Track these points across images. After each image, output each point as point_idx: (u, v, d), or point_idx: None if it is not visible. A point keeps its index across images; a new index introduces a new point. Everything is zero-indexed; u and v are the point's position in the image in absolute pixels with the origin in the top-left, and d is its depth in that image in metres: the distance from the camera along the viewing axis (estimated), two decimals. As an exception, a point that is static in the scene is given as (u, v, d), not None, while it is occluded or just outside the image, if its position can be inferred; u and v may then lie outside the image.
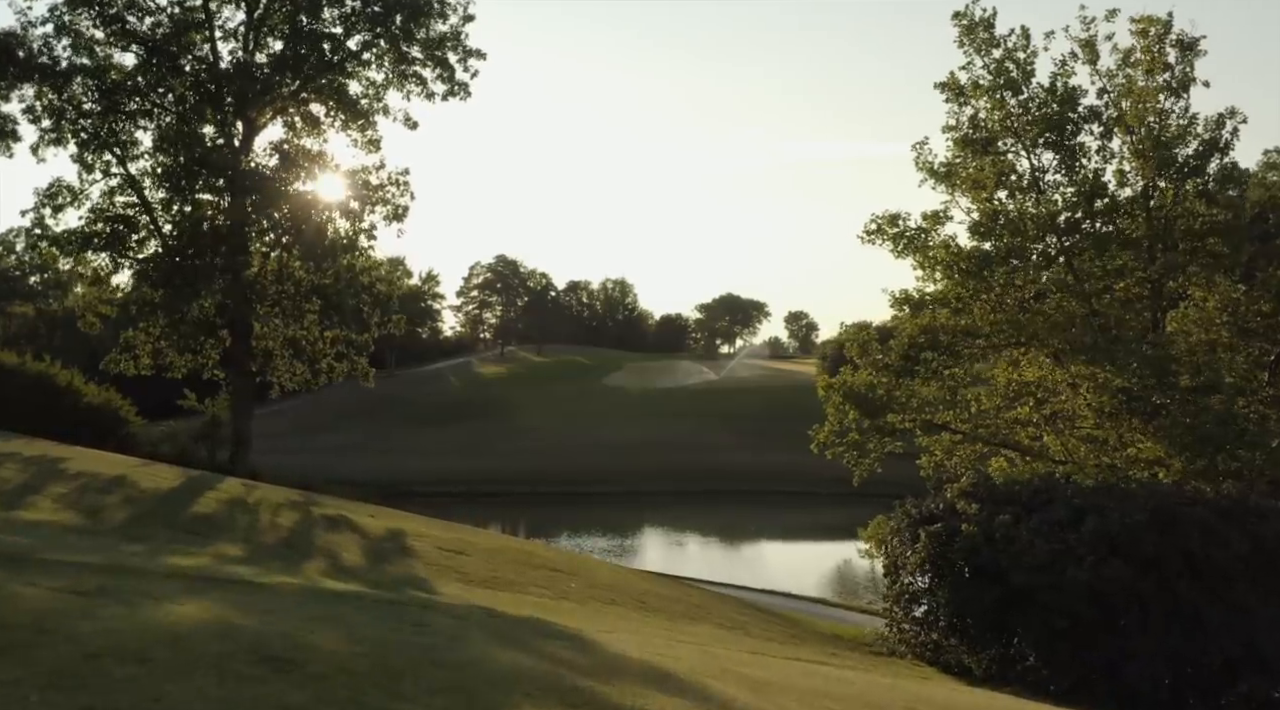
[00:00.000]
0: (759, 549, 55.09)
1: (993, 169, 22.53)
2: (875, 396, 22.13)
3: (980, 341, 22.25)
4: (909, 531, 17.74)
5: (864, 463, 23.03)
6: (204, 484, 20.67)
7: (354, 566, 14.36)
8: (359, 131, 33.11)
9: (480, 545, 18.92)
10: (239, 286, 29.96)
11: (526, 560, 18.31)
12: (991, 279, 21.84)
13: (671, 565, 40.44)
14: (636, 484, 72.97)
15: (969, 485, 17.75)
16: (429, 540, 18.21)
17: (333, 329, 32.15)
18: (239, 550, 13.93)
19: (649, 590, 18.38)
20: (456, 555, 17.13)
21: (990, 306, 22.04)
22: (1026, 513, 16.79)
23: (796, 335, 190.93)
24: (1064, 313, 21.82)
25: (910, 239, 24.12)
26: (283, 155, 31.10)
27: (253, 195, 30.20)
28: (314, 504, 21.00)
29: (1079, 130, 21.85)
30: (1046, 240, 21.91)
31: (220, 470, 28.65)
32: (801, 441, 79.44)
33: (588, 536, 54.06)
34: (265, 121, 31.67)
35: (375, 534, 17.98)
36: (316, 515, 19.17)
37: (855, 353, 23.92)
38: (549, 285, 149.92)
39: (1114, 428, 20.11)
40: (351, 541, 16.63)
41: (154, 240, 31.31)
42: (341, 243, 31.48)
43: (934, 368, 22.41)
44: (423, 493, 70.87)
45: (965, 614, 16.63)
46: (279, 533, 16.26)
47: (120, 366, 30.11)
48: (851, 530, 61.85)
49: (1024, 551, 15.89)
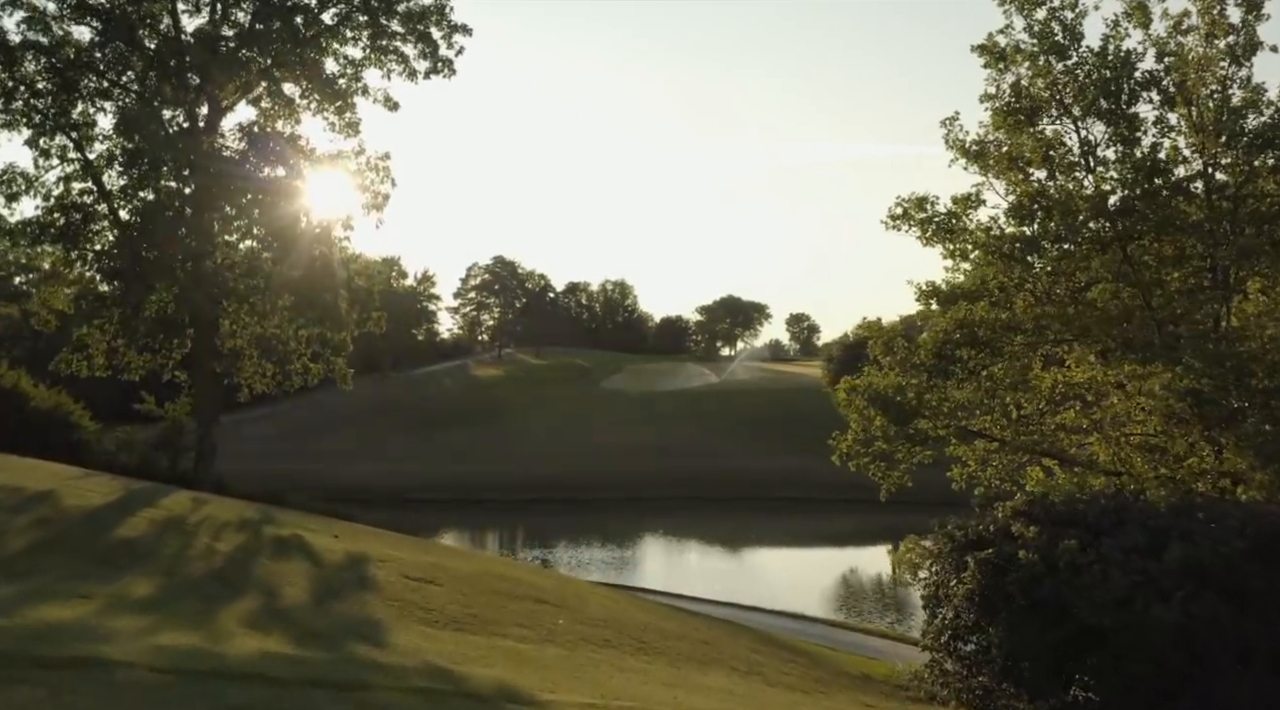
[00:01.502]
0: (764, 560, 52.52)
1: (1037, 143, 20.02)
2: (905, 400, 19.60)
3: (1020, 338, 19.73)
4: (953, 557, 15.22)
5: (892, 475, 20.48)
6: (143, 499, 18.16)
7: (292, 607, 11.85)
8: (336, 114, 30.64)
9: (455, 571, 16.40)
10: (202, 280, 27.44)
11: (508, 589, 15.79)
12: (1038, 266, 19.35)
13: (674, 580, 37.94)
14: (636, 490, 70.57)
15: (1024, 503, 15.24)
16: (395, 566, 15.70)
17: (307, 327, 29.60)
18: (150, 587, 11.43)
19: (649, 624, 15.85)
20: (425, 585, 14.62)
21: (1035, 298, 19.52)
22: (1094, 536, 14.28)
23: (798, 337, 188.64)
24: (1119, 305, 19.30)
25: (940, 224, 21.63)
26: (251, 138, 28.61)
27: (219, 181, 27.66)
28: (269, 523, 18.49)
29: (1135, 98, 19.33)
30: (1096, 224, 19.36)
31: (181, 481, 26.19)
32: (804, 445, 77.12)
33: (586, 547, 51.59)
34: (232, 101, 29.17)
35: (332, 560, 15.48)
36: (267, 537, 16.67)
37: (878, 351, 21.41)
38: (547, 286, 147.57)
39: (1183, 435, 17.59)
40: (300, 571, 14.12)
41: (114, 231, 28.79)
42: (315, 233, 28.95)
43: (971, 367, 19.91)
44: (417, 500, 68.48)
45: (1022, 656, 14.09)
46: (212, 561, 13.75)
47: (72, 367, 27.57)
48: (856, 538, 59.67)
49: (1095, 584, 13.37)
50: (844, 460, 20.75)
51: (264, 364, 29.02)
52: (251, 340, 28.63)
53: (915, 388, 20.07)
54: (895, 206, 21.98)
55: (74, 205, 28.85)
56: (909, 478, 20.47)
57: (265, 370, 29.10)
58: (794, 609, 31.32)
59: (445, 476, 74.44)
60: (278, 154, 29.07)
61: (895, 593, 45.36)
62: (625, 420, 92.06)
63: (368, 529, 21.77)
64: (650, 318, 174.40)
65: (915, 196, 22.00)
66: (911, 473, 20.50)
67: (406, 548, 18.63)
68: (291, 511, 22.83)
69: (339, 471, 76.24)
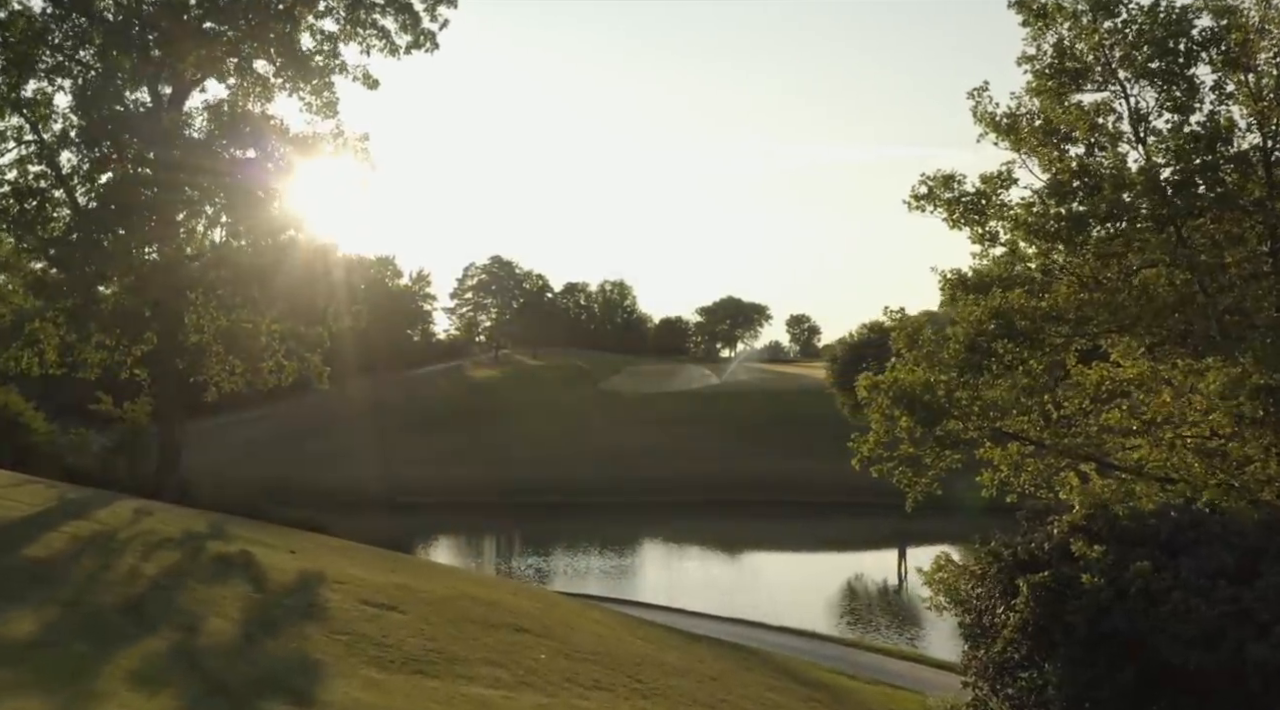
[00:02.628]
0: (768, 567, 50.38)
1: (1081, 113, 17.90)
2: (934, 399, 17.46)
3: (1062, 330, 17.58)
4: (1000, 580, 13.10)
5: (920, 481, 18.29)
6: (75, 511, 16.05)
7: (210, 648, 9.74)
8: (313, 93, 28.53)
9: (424, 594, 14.27)
10: (164, 268, 25.32)
11: (483, 616, 13.67)
12: (1086, 247, 17.21)
13: (675, 592, 35.92)
14: (635, 494, 68.60)
15: (1083, 518, 13.12)
16: (353, 589, 13.59)
17: (280, 321, 27.46)
18: (34, 624, 9.32)
19: (646, 658, 13.72)
20: (384, 614, 12.50)
21: (1080, 283, 17.38)
22: (1169, 557, 12.17)
23: (798, 339, 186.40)
24: (1173, 291, 17.17)
25: (968, 204, 19.51)
26: (218, 116, 26.50)
27: (183, 163, 25.55)
28: (218, 537, 16.37)
29: (1193, 59, 17.22)
30: (1151, 200, 17.20)
31: (139, 487, 24.08)
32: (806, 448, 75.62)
33: (583, 555, 49.52)
34: (198, 77, 27.05)
35: (279, 583, 13.36)
36: (208, 556, 14.56)
37: (902, 344, 19.22)
38: (545, 287, 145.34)
39: (1255, 437, 15.47)
40: (237, 597, 12.01)
41: (73, 217, 26.66)
42: (289, 220, 26.84)
43: (1007, 362, 17.76)
44: (411, 503, 66.45)
45: (1085, 698, 11.98)
46: (131, 588, 11.62)
47: (22, 364, 25.41)
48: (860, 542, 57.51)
49: (1176, 615, 11.26)
50: (865, 465, 18.56)
51: (232, 361, 26.87)
52: (217, 335, 26.46)
53: (945, 385, 17.92)
54: (919, 185, 19.84)
55: (29, 190, 26.76)
56: (938, 485, 18.31)
57: (233, 367, 26.95)
58: (803, 625, 29.28)
59: (441, 479, 72.59)
60: (248, 135, 26.95)
61: (904, 599, 43.31)
62: (624, 422, 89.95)
63: (336, 542, 19.66)
64: (649, 319, 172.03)
65: (941, 174, 19.89)
66: (941, 479, 18.35)
67: (373, 565, 16.51)
68: (253, 522, 20.72)
69: (332, 474, 74.33)
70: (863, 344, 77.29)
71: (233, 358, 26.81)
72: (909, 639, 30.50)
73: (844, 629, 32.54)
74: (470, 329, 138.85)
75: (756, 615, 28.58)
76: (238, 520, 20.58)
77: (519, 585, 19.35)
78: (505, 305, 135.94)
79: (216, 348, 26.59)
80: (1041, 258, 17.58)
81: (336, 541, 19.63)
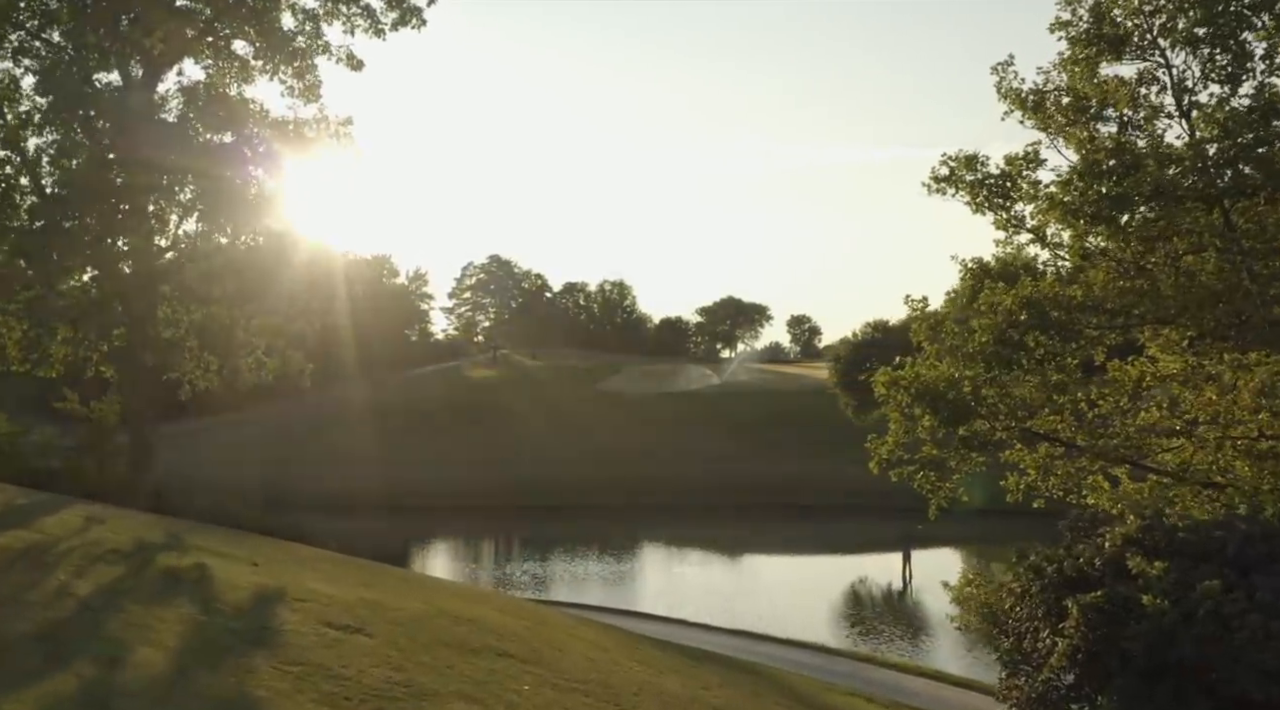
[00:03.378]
0: (772, 572, 48.84)
1: (1119, 85, 16.47)
2: (959, 396, 16.01)
3: (1100, 320, 16.13)
4: (1043, 599, 11.62)
5: (944, 487, 16.81)
6: (19, 519, 14.59)
7: (129, 685, 8.26)
8: (295, 77, 27.07)
9: (396, 612, 12.79)
10: (134, 258, 23.87)
11: (462, 638, 12.18)
12: (1128, 230, 15.75)
13: (677, 600, 34.49)
14: (636, 497, 67.10)
15: (1137, 530, 11.63)
16: (317, 608, 12.11)
17: (259, 316, 25.99)
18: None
19: (645, 684, 12.22)
20: (348, 637, 11.02)
21: (1120, 270, 15.92)
22: (1239, 574, 10.69)
23: (798, 340, 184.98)
24: (1220, 278, 15.72)
25: (993, 187, 18.09)
26: (191, 97, 25.05)
27: (154, 146, 24.07)
28: (174, 548, 14.88)
29: (1243, 24, 15.76)
30: (1201, 179, 15.74)
31: (110, 492, 22.61)
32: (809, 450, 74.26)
33: (582, 561, 48.06)
34: (171, 57, 25.55)
35: (231, 602, 11.86)
36: (156, 570, 13.06)
37: (923, 337, 17.79)
38: (544, 286, 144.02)
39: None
40: (177, 621, 10.52)
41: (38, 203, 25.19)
42: (268, 208, 25.36)
43: (1038, 356, 16.31)
44: (408, 506, 64.99)
45: (1145, 735, 10.49)
46: (57, 610, 10.13)
47: (-19, 360, 23.98)
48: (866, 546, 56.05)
49: (1255, 641, 9.79)
50: (884, 468, 17.07)
51: (207, 357, 25.38)
52: (191, 329, 24.98)
53: (970, 381, 16.47)
54: (939, 166, 18.45)
55: (-6, 177, 25.31)
56: (963, 491, 16.83)
57: (208, 364, 25.47)
58: (810, 635, 27.83)
59: (439, 481, 71.20)
60: (224, 119, 25.49)
61: (909, 604, 41.85)
62: (624, 423, 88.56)
63: (309, 552, 18.18)
64: (649, 319, 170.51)
65: (964, 154, 18.49)
66: (966, 483, 16.87)
67: (345, 578, 15.02)
68: (223, 530, 19.24)
69: (328, 476, 73.01)
70: (867, 343, 75.93)
71: (208, 354, 25.33)
72: (919, 649, 29.06)
73: (853, 639, 31.07)
74: (469, 329, 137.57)
75: (762, 626, 27.13)
76: (206, 528, 19.10)
77: (506, 600, 17.88)
78: (504, 305, 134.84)
79: (191, 343, 25.11)
80: (1078, 241, 16.09)
81: (310, 551, 18.16)
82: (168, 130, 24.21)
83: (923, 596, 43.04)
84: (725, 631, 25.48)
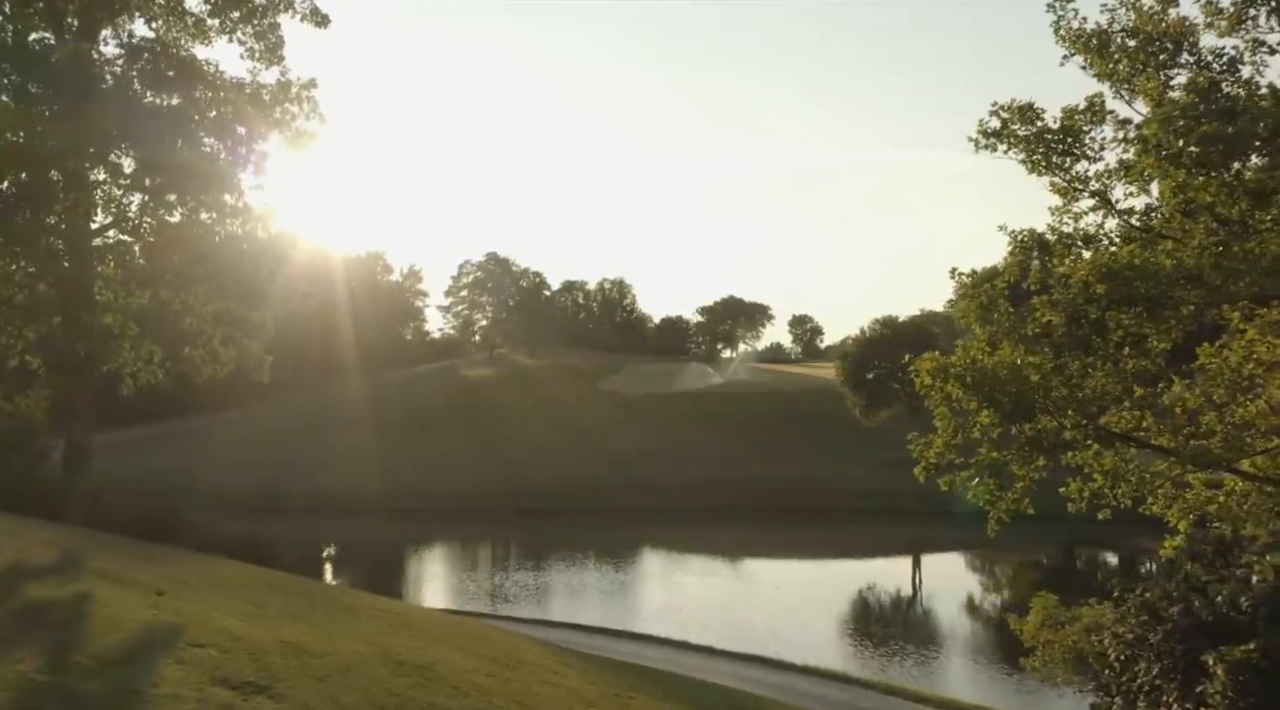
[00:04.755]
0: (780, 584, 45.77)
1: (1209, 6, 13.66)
2: (1025, 388, 13.17)
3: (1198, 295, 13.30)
4: (1168, 651, 8.76)
5: (1006, 497, 13.95)
6: None
7: None
8: (255, 38, 24.41)
9: (323, 660, 9.93)
10: (64, 233, 21.06)
11: (401, 698, 9.31)
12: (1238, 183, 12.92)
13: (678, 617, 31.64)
14: (636, 499, 64.35)
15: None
16: (215, 656, 9.27)
17: (211, 301, 23.19)
18: None
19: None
20: (244, 702, 8.20)
21: (1227, 233, 13.08)
22: None
23: (800, 340, 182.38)
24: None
25: (1052, 142, 15.29)
26: (133, 53, 22.28)
27: (91, 107, 21.27)
28: (64, 572, 12.07)
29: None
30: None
31: (34, 499, 19.86)
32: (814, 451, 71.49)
33: (579, 569, 45.30)
34: (109, 11, 22.78)
35: (104, 647, 9.02)
36: (22, 603, 10.27)
37: (973, 318, 14.91)
38: (542, 284, 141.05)
39: None
40: (10, 680, 7.73)
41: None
42: (221, 179, 22.56)
43: (1119, 339, 13.47)
44: (401, 509, 62.33)
45: None
46: None
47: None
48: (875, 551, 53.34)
49: None
50: (931, 475, 14.17)
51: (149, 347, 22.55)
52: (131, 315, 22.14)
53: (1036, 368, 13.63)
54: (989, 117, 15.66)
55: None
56: (1028, 501, 13.94)
57: (150, 355, 22.63)
58: (826, 655, 25.06)
59: (436, 483, 68.70)
60: (173, 80, 22.70)
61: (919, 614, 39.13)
62: (624, 423, 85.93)
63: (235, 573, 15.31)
64: (650, 318, 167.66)
65: (1017, 104, 15.70)
66: (1032, 493, 13.98)
67: (269, 610, 12.16)
68: (146, 546, 16.42)
69: (325, 477, 70.44)
70: (877, 340, 73.10)
71: (150, 343, 22.48)
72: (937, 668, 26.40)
73: (874, 658, 28.27)
74: (466, 328, 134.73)
75: (772, 645, 24.31)
76: (129, 544, 16.31)
77: (472, 632, 14.98)
78: (501, 304, 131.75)
79: (132, 330, 22.26)
80: (1173, 197, 13.23)
81: (240, 572, 15.31)
82: (104, 91, 21.39)
83: (931, 603, 40.51)
84: (735, 657, 22.67)
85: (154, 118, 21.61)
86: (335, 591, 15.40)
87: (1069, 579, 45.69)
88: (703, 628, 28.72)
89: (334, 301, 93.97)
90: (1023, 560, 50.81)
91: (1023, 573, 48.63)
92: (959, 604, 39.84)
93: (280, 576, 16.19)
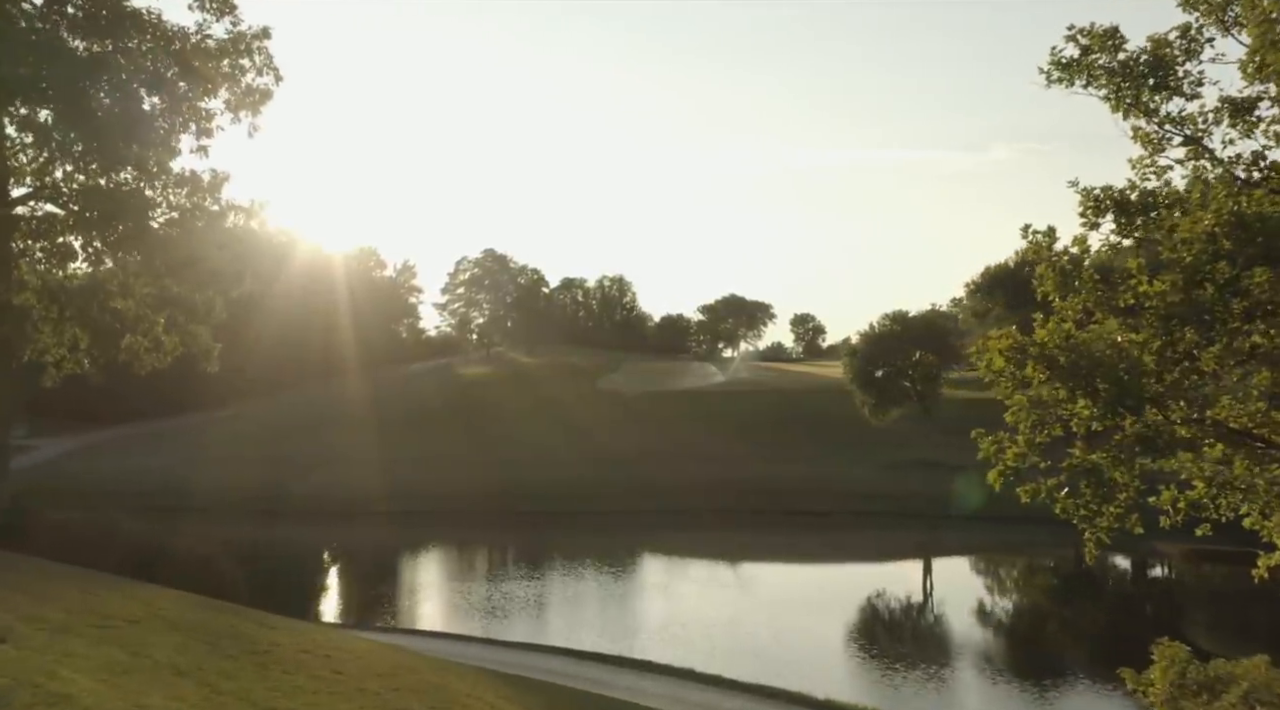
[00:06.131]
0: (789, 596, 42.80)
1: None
2: (1134, 372, 10.26)
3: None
4: None
5: (1107, 512, 10.99)
6: None
7: None
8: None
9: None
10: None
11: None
12: None
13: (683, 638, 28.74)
14: (636, 500, 61.69)
15: None
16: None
17: (148, 281, 20.30)
18: None
19: None
20: None
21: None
22: None
23: (802, 338, 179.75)
24: None
25: (1143, 74, 12.52)
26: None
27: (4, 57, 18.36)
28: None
29: None
30: None
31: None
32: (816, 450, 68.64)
33: (576, 578, 42.44)
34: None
35: None
36: None
37: (1051, 287, 11.97)
38: (541, 282, 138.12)
39: None
40: None
41: None
42: (158, 141, 19.68)
43: (1248, 308, 10.57)
44: (399, 511, 59.70)
45: None
46: None
47: None
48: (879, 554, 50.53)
49: None
50: (1008, 480, 11.18)
51: (73, 331, 19.64)
52: (48, 294, 19.23)
53: (1141, 348, 10.71)
54: (1066, 44, 12.97)
55: None
56: (1136, 518, 10.98)
57: (75, 340, 19.73)
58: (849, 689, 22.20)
59: (433, 484, 66.19)
60: (103, 26, 19.80)
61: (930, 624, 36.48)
62: (624, 423, 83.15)
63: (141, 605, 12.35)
64: (650, 317, 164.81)
65: (1099, 28, 12.92)
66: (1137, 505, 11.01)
67: (146, 661, 9.17)
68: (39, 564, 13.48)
69: (312, 478, 67.90)
70: (887, 336, 70.18)
71: (74, 327, 19.56)
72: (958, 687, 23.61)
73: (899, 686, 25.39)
74: (463, 325, 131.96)
75: (795, 680, 21.37)
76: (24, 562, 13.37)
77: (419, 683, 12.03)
78: (499, 301, 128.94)
79: (50, 312, 19.35)
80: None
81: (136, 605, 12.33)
82: (17, 31, 18.48)
83: (942, 610, 37.84)
84: (747, 690, 19.75)
85: (71, 64, 18.69)
86: (259, 627, 12.43)
87: (1084, 582, 43.22)
88: (710, 650, 25.81)
89: (333, 299, 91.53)
90: (1031, 563, 48.34)
91: (1035, 578, 46.14)
92: (973, 612, 37.36)
93: (199, 606, 13.25)
